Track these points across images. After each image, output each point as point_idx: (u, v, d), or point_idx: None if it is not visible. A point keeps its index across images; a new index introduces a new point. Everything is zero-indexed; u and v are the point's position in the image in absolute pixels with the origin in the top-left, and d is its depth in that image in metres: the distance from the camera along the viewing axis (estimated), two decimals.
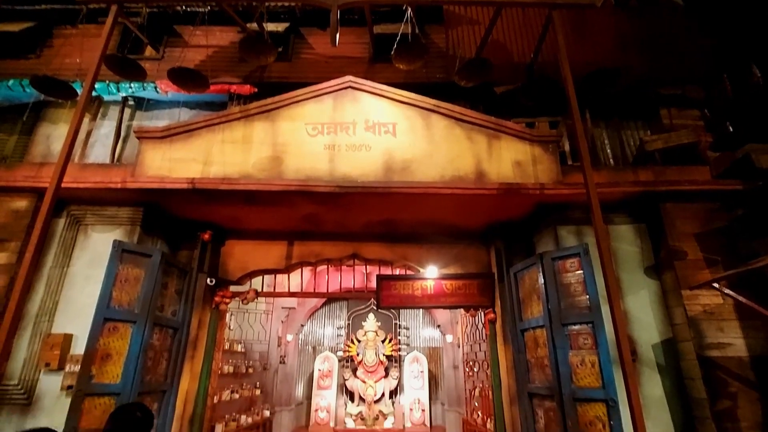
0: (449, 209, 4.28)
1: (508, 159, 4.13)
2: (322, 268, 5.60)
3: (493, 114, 4.37)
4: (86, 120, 4.79)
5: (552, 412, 3.69)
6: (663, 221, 4.05)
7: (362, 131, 4.19)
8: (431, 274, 4.96)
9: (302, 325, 11.17)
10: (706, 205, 4.08)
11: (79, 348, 3.67)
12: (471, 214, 4.44)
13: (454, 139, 4.18)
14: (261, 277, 5.29)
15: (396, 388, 10.80)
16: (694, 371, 3.63)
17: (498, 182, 4.00)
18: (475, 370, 6.07)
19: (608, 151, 4.92)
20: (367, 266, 5.37)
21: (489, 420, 5.44)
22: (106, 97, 4.92)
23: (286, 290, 5.45)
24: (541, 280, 3.91)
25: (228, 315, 5.38)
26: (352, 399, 10.67)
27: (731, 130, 4.54)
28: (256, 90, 4.76)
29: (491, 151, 4.16)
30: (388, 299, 4.95)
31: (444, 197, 3.98)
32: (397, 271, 5.28)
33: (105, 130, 4.90)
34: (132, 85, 4.67)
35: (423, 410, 10.21)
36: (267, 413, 8.07)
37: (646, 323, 3.96)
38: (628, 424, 2.82)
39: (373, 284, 5.14)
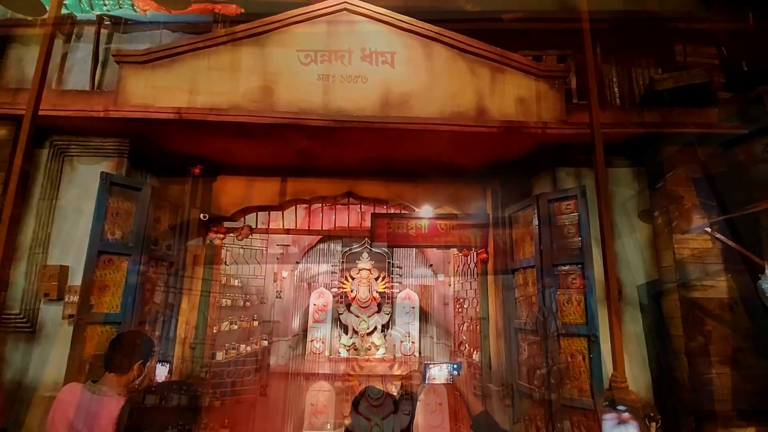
0: (447, 147, 4.15)
1: (511, 95, 3.93)
2: (316, 206, 5.57)
3: (498, 45, 4.09)
4: (60, 42, 4.41)
5: (536, 345, 3.89)
6: (663, 165, 3.98)
7: (358, 61, 3.92)
8: (426, 214, 4.96)
9: (297, 263, 11.42)
10: (710, 149, 3.98)
11: (76, 279, 3.68)
12: (469, 152, 4.33)
13: (455, 72, 3.94)
14: (255, 214, 5.26)
15: (388, 323, 11.34)
16: (675, 311, 3.77)
17: (499, 120, 3.84)
18: (465, 306, 6.32)
19: (615, 89, 4.69)
20: (362, 205, 5.34)
21: (475, 351, 5.77)
22: (79, 16, 4.49)
23: (281, 227, 5.46)
24: (536, 222, 3.93)
25: (223, 251, 5.43)
26: (345, 331, 11.23)
27: (746, 69, 4.32)
28: (242, 10, 4.38)
29: (494, 86, 3.95)
30: (382, 237, 4.97)
31: (443, 134, 3.83)
32: (392, 211, 5.27)
33: (81, 53, 4.53)
34: (106, 1, 4.25)
35: (413, 342, 10.84)
36: (265, 343, 8.52)
37: (634, 265, 4.03)
38: (605, 357, 2.98)
39: (368, 224, 5.15)
